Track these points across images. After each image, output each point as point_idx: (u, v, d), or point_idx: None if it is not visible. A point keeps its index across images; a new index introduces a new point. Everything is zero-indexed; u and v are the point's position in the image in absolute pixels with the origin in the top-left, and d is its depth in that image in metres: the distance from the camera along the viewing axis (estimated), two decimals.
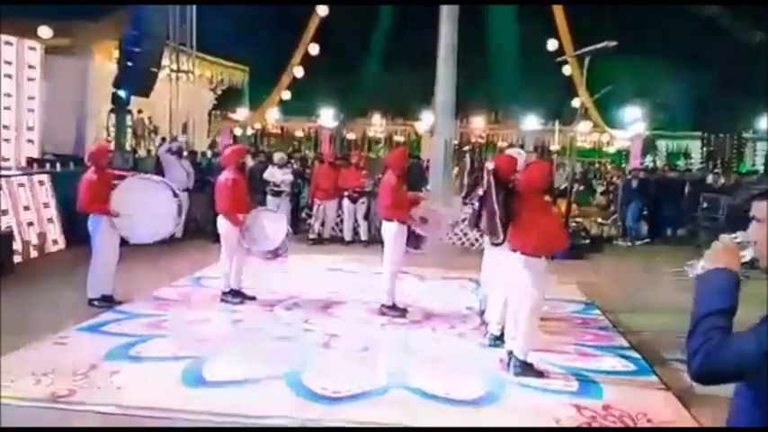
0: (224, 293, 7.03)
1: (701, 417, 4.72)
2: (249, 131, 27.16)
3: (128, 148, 13.60)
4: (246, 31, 21.82)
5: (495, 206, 5.12)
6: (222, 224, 6.88)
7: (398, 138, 30.00)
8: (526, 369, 5.34)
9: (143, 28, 11.69)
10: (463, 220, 9.45)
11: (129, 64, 11.52)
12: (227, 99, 23.81)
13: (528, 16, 23.48)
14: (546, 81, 23.74)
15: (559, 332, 6.71)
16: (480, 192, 5.80)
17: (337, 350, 5.83)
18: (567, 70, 22.72)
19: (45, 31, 12.58)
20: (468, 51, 15.09)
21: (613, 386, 5.22)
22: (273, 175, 11.85)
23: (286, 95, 27.69)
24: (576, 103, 20.97)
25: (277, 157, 12.36)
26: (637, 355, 6.07)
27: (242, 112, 25.10)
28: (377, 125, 30.40)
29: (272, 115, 27.55)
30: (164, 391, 4.67)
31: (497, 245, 5.32)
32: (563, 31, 24.04)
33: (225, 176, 6.95)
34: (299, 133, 29.51)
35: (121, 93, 12.22)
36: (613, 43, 12.18)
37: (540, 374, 5.37)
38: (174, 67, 13.27)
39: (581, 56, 13.96)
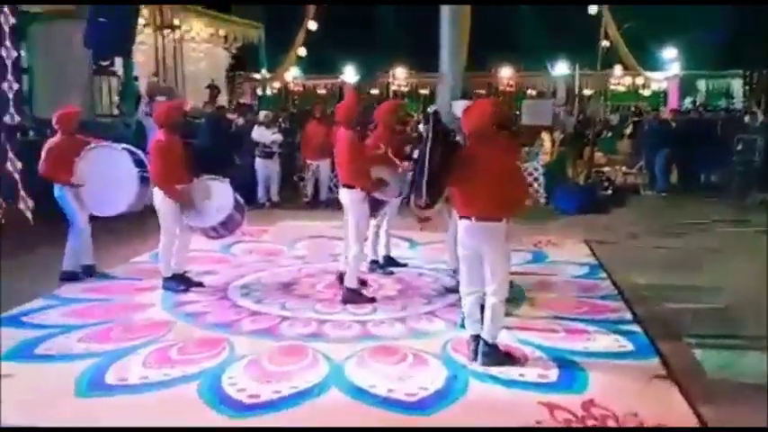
0: (165, 280, 6.17)
1: (709, 416, 3.78)
2: (269, 91, 26.19)
3: (115, 112, 12.87)
4: None
5: (426, 158, 4.09)
6: (157, 197, 6.00)
7: (424, 90, 28.82)
8: (496, 356, 4.46)
9: None
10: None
11: (102, 20, 10.67)
12: (244, 58, 22.82)
13: None
14: (573, 23, 22.22)
15: (550, 303, 5.78)
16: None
17: (281, 338, 5.01)
18: (593, 9, 21.15)
19: None
20: None
21: (602, 374, 4.30)
22: (262, 135, 11.02)
23: (302, 52, 26.63)
24: (605, 43, 19.56)
25: (262, 114, 11.45)
26: (638, 330, 5.11)
27: (262, 72, 24.04)
28: (400, 78, 29.20)
29: (292, 73, 26.53)
30: (45, 402, 3.92)
31: (421, 208, 4.34)
32: None
33: (157, 139, 6.00)
34: (322, 90, 28.50)
35: (98, 53, 11.47)
36: None
37: (515, 361, 4.49)
38: (159, 22, 12.34)
39: None
